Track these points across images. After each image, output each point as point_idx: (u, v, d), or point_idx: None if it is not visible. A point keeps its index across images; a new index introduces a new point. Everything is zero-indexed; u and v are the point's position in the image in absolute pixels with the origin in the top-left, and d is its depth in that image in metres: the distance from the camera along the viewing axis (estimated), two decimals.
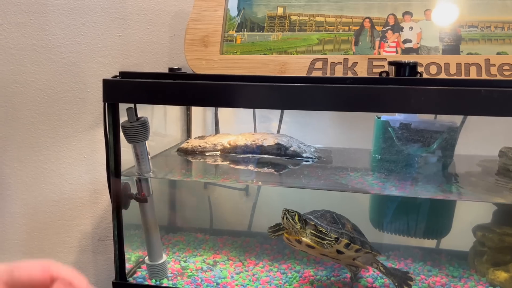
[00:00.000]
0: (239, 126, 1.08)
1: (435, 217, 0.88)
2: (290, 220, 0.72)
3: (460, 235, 0.89)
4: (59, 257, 1.07)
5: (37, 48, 0.98)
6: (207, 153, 0.94)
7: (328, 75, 0.71)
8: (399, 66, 0.64)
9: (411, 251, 0.93)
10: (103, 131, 0.97)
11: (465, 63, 0.68)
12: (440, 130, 0.90)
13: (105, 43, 1.01)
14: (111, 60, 1.02)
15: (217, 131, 1.08)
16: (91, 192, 1.07)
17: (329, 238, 0.71)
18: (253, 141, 0.93)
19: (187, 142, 0.96)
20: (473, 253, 0.87)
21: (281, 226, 0.76)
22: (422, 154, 0.90)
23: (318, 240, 0.72)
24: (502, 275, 0.79)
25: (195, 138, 1.00)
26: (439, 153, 0.90)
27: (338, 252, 0.73)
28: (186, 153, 0.94)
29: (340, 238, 0.72)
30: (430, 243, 0.94)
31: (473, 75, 0.67)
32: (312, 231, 0.73)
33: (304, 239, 0.72)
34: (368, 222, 0.92)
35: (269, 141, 0.92)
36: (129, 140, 0.75)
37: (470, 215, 0.89)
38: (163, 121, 1.03)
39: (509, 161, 0.85)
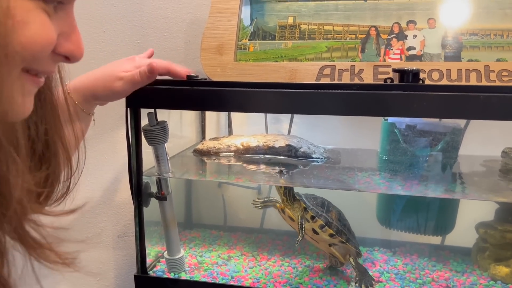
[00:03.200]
0: (251, 127, 1.13)
1: (439, 215, 0.93)
2: (281, 190, 0.81)
3: (463, 232, 0.93)
4: (82, 252, 1.13)
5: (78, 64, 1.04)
6: (221, 154, 0.98)
7: (336, 81, 0.75)
8: (402, 73, 0.68)
9: (417, 247, 0.97)
10: (123, 133, 1.03)
11: (465, 70, 0.72)
12: (445, 132, 0.94)
13: (124, 49, 1.07)
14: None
15: (230, 132, 1.13)
16: (111, 191, 1.13)
17: (306, 215, 0.78)
18: (265, 142, 0.97)
19: (202, 144, 1.01)
20: (476, 249, 0.91)
21: (270, 199, 0.86)
22: (428, 154, 0.94)
23: (296, 213, 0.79)
24: (503, 270, 0.83)
25: (209, 139, 1.05)
26: (444, 153, 0.93)
27: (314, 231, 0.79)
28: (202, 154, 0.99)
29: (316, 217, 0.78)
30: (435, 240, 0.98)
31: (473, 81, 0.71)
32: (296, 206, 0.79)
33: (287, 209, 0.81)
34: (376, 220, 0.97)
35: (280, 143, 0.97)
36: (150, 142, 0.80)
37: (473, 213, 0.93)
38: (179, 123, 1.08)
39: (511, 161, 0.88)
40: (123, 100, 0.77)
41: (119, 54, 1.06)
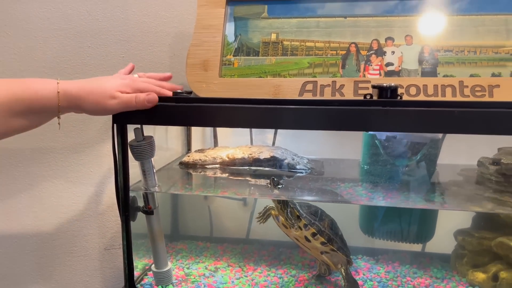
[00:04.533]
0: (236, 138, 1.15)
1: (419, 223, 0.96)
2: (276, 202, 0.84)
3: (443, 240, 0.97)
4: (68, 265, 1.13)
5: (46, 70, 1.04)
6: (207, 166, 1.00)
7: (318, 96, 0.78)
8: (381, 89, 0.70)
9: (399, 255, 1.00)
10: (108, 147, 1.04)
11: (441, 85, 0.75)
12: (423, 142, 0.97)
13: (109, 63, 1.08)
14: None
15: (215, 144, 1.15)
16: (97, 204, 1.13)
17: (299, 223, 0.80)
18: (250, 154, 0.99)
19: (188, 156, 1.03)
20: (455, 256, 0.94)
21: (267, 207, 0.87)
22: (407, 164, 0.97)
23: (290, 221, 0.80)
24: (480, 276, 0.87)
25: (195, 151, 1.07)
26: (423, 163, 0.97)
27: (306, 239, 0.82)
28: (188, 166, 1.00)
29: (309, 226, 0.80)
30: (416, 247, 1.01)
31: (448, 96, 0.74)
32: (290, 213, 0.82)
33: (280, 217, 0.84)
34: (359, 229, 0.99)
35: (265, 154, 0.99)
36: (136, 157, 0.81)
37: (452, 221, 0.96)
38: (165, 136, 1.10)
39: (486, 170, 0.92)
40: (104, 117, 0.78)
41: (104, 68, 1.07)
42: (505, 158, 0.89)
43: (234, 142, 1.09)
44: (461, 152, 1.02)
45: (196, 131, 1.17)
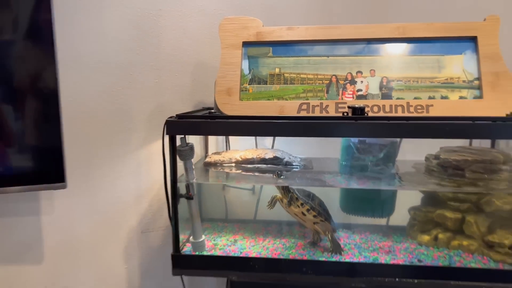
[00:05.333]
0: (243, 143, 1.47)
1: (383, 203, 1.31)
2: (280, 187, 1.17)
3: (400, 214, 1.32)
4: (114, 246, 1.43)
5: (101, 94, 1.34)
6: (225, 165, 1.32)
7: (310, 113, 1.11)
8: (354, 109, 1.05)
9: (369, 227, 1.35)
10: (145, 152, 1.34)
11: (395, 105, 1.10)
12: (385, 144, 1.32)
13: (146, 87, 1.39)
14: (150, 99, 1.39)
15: (227, 147, 1.47)
16: (135, 197, 1.44)
17: (297, 202, 1.13)
18: (258, 155, 1.32)
19: (210, 157, 1.35)
20: (409, 225, 1.30)
21: (273, 196, 1.19)
22: (374, 160, 1.32)
23: (291, 202, 1.15)
24: (426, 237, 1.22)
25: (213, 153, 1.39)
26: (386, 159, 1.32)
27: (303, 214, 1.16)
28: (210, 165, 1.32)
29: (304, 204, 1.14)
30: (381, 221, 1.36)
31: (399, 112, 1.09)
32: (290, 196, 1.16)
33: (284, 199, 1.17)
34: (339, 209, 1.33)
35: (269, 155, 1.32)
36: (182, 158, 1.13)
37: (407, 200, 1.31)
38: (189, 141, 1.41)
39: (430, 164, 1.27)
40: (143, 129, 1.09)
41: (142, 91, 1.38)
42: (443, 154, 1.24)
43: (242, 144, 1.41)
44: (416, 150, 1.37)
45: (211, 137, 1.48)
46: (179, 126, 1.09)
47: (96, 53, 1.31)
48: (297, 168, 1.30)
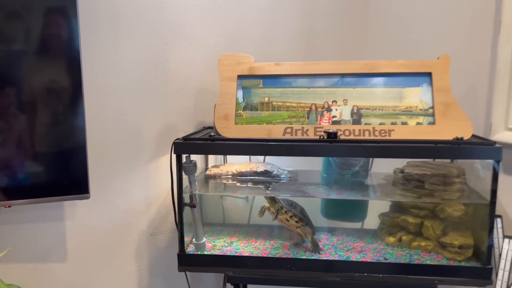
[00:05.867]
0: (238, 157, 1.69)
1: (357, 209, 1.53)
2: (268, 197, 1.39)
3: (372, 220, 1.54)
4: (126, 247, 1.65)
5: (115, 116, 1.56)
6: (222, 177, 1.55)
7: (293, 136, 1.33)
8: (328, 133, 1.28)
9: (345, 230, 1.57)
10: (153, 166, 1.56)
11: (363, 129, 1.33)
12: (360, 159, 1.55)
13: (154, 109, 1.61)
14: (157, 120, 1.62)
15: (225, 161, 1.69)
16: (145, 204, 1.66)
17: (282, 210, 1.36)
18: (251, 168, 1.55)
19: (210, 170, 1.57)
20: (379, 229, 1.52)
21: (262, 206, 1.41)
22: (349, 173, 1.54)
23: (278, 210, 1.38)
24: (391, 239, 1.44)
25: (212, 166, 1.61)
26: (360, 173, 1.54)
27: (287, 220, 1.38)
28: (210, 177, 1.55)
29: (288, 212, 1.36)
30: (356, 225, 1.59)
31: (367, 136, 1.32)
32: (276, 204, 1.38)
33: (271, 208, 1.40)
34: (321, 214, 1.56)
35: (260, 168, 1.54)
36: (186, 173, 1.36)
37: (377, 207, 1.54)
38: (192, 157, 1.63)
39: (397, 176, 1.50)
40: (151, 146, 1.31)
41: (152, 113, 1.60)
42: (407, 168, 1.46)
43: (238, 159, 1.64)
44: (389, 163, 1.58)
45: None
46: (184, 146, 1.31)
47: (111, 81, 1.54)
48: (284, 180, 1.52)
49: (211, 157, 1.70)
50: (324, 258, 1.37)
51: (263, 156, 1.63)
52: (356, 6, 1.87)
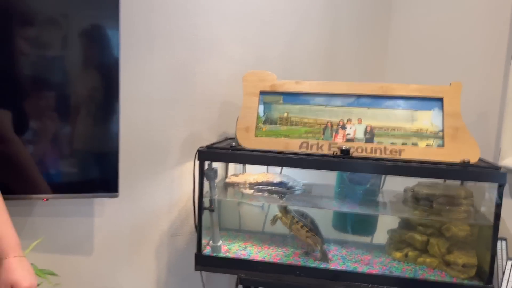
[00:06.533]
0: (257, 167, 1.79)
1: (368, 224, 1.61)
2: (281, 207, 1.46)
3: (381, 235, 1.61)
4: (148, 246, 1.77)
5: (146, 123, 1.69)
6: (241, 185, 1.65)
7: (309, 151, 1.43)
8: (342, 150, 1.36)
9: (355, 243, 1.64)
10: (176, 173, 1.68)
11: (375, 148, 1.41)
12: (373, 176, 1.62)
13: (182, 119, 1.73)
14: (184, 129, 1.74)
15: (244, 170, 1.79)
16: (168, 207, 1.77)
17: (294, 220, 1.44)
18: (268, 179, 1.64)
19: (229, 178, 1.67)
20: (387, 244, 1.59)
21: (274, 215, 1.49)
22: (362, 189, 1.62)
23: (289, 221, 1.46)
24: (398, 254, 1.51)
25: (232, 175, 1.71)
26: (371, 189, 1.62)
27: (297, 230, 1.46)
28: (229, 185, 1.65)
29: (299, 221, 1.45)
30: (366, 239, 1.66)
31: (378, 154, 1.40)
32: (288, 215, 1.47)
33: (283, 218, 1.47)
34: (331, 227, 1.64)
35: (277, 179, 1.64)
36: (207, 179, 1.46)
37: (386, 223, 1.61)
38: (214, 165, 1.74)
39: (407, 194, 1.57)
40: (177, 152, 1.42)
41: (179, 123, 1.72)
42: (417, 187, 1.53)
43: (255, 168, 1.74)
44: (402, 181, 1.65)
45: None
46: (208, 154, 1.42)
47: (144, 91, 1.67)
48: (298, 192, 1.61)
49: (231, 166, 1.81)
50: (332, 268, 1.45)
51: (280, 168, 1.73)
52: (377, 30, 1.96)
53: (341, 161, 1.35)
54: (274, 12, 1.80)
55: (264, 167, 1.73)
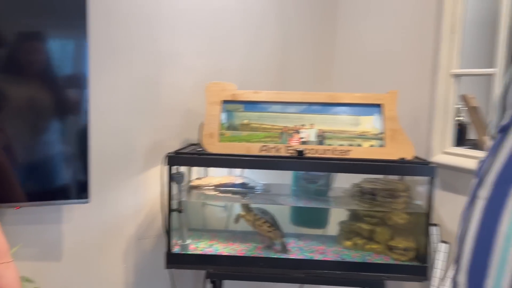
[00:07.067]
0: (218, 169, 1.92)
1: (321, 217, 1.79)
2: (244, 206, 1.61)
3: (333, 226, 1.80)
4: (116, 250, 1.84)
5: (112, 133, 1.77)
6: (205, 188, 1.78)
7: (268, 153, 1.59)
8: (297, 151, 1.54)
9: (310, 235, 1.82)
10: (142, 177, 1.78)
11: (325, 149, 1.59)
12: (324, 175, 1.81)
13: (146, 127, 1.83)
14: (148, 137, 1.84)
15: (206, 174, 1.92)
16: (134, 211, 1.86)
17: (256, 217, 1.60)
18: (230, 181, 1.79)
19: (193, 182, 1.80)
20: (338, 235, 1.78)
21: (237, 214, 1.64)
22: (315, 186, 1.80)
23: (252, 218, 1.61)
24: (348, 243, 1.70)
25: (195, 179, 1.84)
26: (324, 186, 1.80)
27: (260, 225, 1.62)
28: (195, 188, 1.77)
29: (261, 218, 1.60)
30: (319, 231, 1.84)
31: (329, 155, 1.58)
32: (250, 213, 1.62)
33: (246, 216, 1.61)
34: (289, 221, 1.81)
35: (238, 181, 1.78)
36: (176, 182, 1.58)
37: (337, 215, 1.80)
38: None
39: (354, 190, 1.77)
40: (142, 159, 1.53)
41: (146, 131, 1.82)
42: (363, 183, 1.74)
43: (216, 171, 1.87)
44: (349, 178, 1.85)
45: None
46: (176, 159, 1.54)
47: (110, 103, 1.76)
48: (258, 191, 1.77)
49: (193, 170, 1.93)
50: (291, 258, 1.62)
51: (240, 171, 1.87)
52: (324, 43, 2.16)
53: (297, 161, 1.52)
54: (232, 27, 1.95)
55: (225, 170, 1.87)
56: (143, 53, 1.80)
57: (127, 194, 1.84)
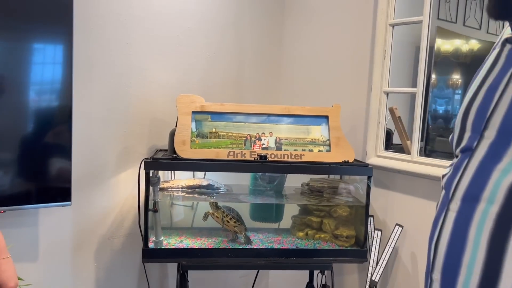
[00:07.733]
0: (185, 173, 2.12)
1: (276, 212, 2.06)
2: (212, 204, 1.83)
3: (287, 220, 2.08)
4: (87, 248, 1.97)
5: (85, 142, 1.90)
6: (174, 189, 1.97)
7: (235, 158, 1.83)
8: (261, 156, 1.79)
9: (268, 229, 2.09)
10: (118, 178, 1.94)
11: (283, 154, 1.87)
12: (278, 176, 2.09)
13: (117, 135, 1.99)
14: (119, 144, 1.99)
15: (173, 177, 2.11)
16: (105, 213, 2.00)
17: (224, 214, 1.84)
18: (197, 182, 2.00)
19: (163, 184, 1.98)
20: (291, 227, 2.06)
21: (206, 213, 1.87)
22: (271, 186, 2.07)
23: (220, 215, 1.84)
24: (300, 234, 2.00)
25: (163, 181, 2.02)
26: (278, 185, 2.08)
27: (227, 221, 1.86)
28: (164, 190, 1.96)
29: (227, 214, 1.85)
30: (275, 225, 2.11)
31: (286, 159, 1.86)
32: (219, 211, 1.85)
33: (214, 213, 1.84)
34: (249, 217, 2.06)
35: (204, 182, 2.00)
36: (151, 185, 1.76)
37: (290, 210, 2.09)
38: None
39: (304, 188, 2.06)
40: (113, 164, 1.71)
41: (117, 140, 1.98)
42: (311, 182, 2.04)
43: (182, 174, 2.07)
44: (299, 179, 2.14)
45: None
46: (152, 164, 1.73)
47: (86, 114, 1.89)
48: (222, 191, 2.00)
49: (161, 173, 2.11)
50: (254, 247, 1.87)
51: (203, 174, 2.09)
52: (272, 60, 2.45)
53: (261, 164, 1.78)
54: (194, 44, 2.17)
55: (190, 174, 2.08)
56: (115, 68, 1.95)
57: (98, 196, 1.97)
